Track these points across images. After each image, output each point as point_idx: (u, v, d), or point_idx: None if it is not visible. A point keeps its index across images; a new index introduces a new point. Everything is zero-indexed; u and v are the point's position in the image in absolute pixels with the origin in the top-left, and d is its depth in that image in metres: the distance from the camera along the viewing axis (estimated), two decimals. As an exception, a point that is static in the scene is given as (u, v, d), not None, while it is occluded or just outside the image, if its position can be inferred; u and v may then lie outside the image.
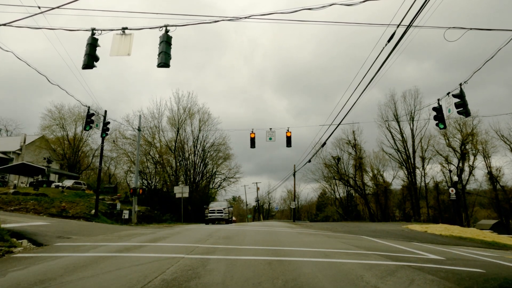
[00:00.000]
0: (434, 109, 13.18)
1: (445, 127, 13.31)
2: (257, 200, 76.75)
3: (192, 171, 46.83)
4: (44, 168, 34.96)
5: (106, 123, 19.84)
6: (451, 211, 47.05)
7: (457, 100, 11.77)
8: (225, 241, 10.92)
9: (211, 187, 51.84)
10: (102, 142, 21.82)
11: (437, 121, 13.11)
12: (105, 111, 21.18)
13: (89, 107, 17.20)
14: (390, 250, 10.03)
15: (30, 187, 30.88)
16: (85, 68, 8.87)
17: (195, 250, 8.42)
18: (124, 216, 21.80)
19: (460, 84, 11.67)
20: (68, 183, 34.59)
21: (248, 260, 7.09)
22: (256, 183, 74.32)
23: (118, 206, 23.67)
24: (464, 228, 25.67)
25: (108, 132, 20.52)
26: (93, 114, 17.55)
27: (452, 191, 29.13)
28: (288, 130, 20.84)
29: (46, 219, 17.73)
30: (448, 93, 12.42)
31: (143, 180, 41.80)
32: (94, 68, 8.90)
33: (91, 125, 17.46)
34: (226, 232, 14.65)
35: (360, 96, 15.54)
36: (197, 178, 47.73)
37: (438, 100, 13.12)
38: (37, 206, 20.23)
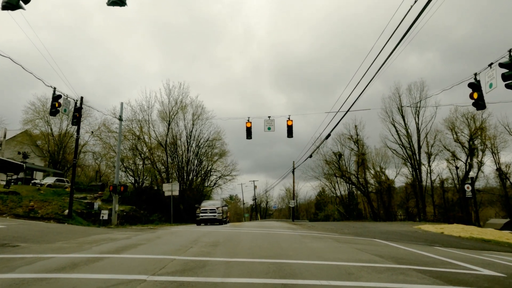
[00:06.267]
0: (470, 85, 10.74)
1: (484, 107, 10.89)
2: (255, 199, 74.49)
3: (185, 168, 44.19)
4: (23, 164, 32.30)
5: (78, 109, 17.05)
6: (456, 209, 44.89)
7: (505, 70, 9.34)
8: (213, 250, 8.54)
9: (206, 185, 49.27)
10: (78, 133, 19.02)
11: (474, 100, 10.69)
12: (81, 97, 18.47)
13: (55, 88, 14.27)
14: (424, 261, 7.74)
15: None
16: (5, 8, 6.24)
17: (166, 267, 6.07)
18: (102, 216, 19.19)
19: (510, 51, 9.25)
20: (50, 180, 32.08)
21: (240, 286, 4.77)
22: (254, 181, 72.19)
23: (96, 205, 21.03)
24: (481, 228, 23.52)
25: (81, 119, 17.78)
26: (60, 97, 14.68)
27: (467, 188, 26.87)
28: (289, 119, 18.42)
29: (7, 221, 15.23)
30: (490, 64, 9.99)
31: (130, 177, 38.97)
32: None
33: (58, 109, 14.68)
34: (217, 236, 12.30)
35: (365, 88, 13.62)
36: (191, 176, 45.14)
37: (475, 74, 10.69)
38: (0, 205, 17.61)
